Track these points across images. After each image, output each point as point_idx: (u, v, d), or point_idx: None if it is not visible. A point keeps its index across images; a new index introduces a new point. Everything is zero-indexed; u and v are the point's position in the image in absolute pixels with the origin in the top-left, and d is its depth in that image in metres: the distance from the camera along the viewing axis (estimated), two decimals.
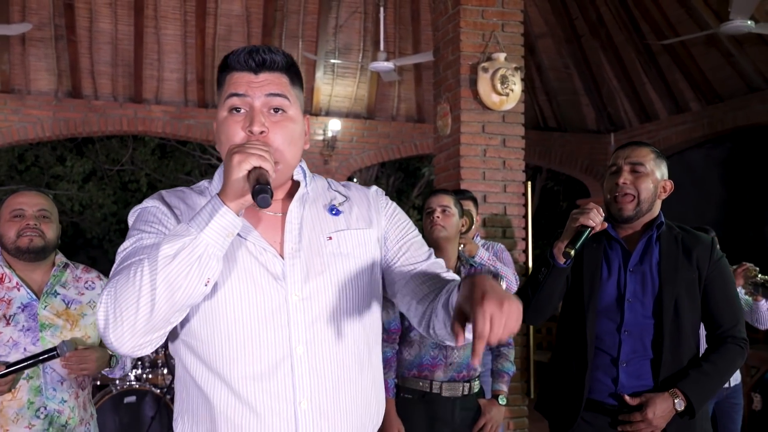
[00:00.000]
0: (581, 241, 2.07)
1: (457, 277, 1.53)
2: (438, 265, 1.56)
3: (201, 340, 1.39)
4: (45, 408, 2.34)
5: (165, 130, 8.10)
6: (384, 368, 3.06)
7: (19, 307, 2.36)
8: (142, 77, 7.73)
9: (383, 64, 6.82)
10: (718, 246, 2.33)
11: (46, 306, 2.40)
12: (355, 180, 10.42)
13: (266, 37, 7.60)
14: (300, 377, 1.38)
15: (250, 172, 1.26)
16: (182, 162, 11.03)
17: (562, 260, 2.15)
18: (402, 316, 3.17)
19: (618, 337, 2.22)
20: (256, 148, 1.28)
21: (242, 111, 1.39)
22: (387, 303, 1.95)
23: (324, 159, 8.58)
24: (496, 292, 1.21)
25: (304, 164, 1.51)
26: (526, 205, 5.01)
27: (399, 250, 1.55)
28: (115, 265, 1.35)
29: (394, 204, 1.62)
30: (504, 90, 4.82)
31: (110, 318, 1.25)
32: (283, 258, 1.41)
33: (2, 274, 2.39)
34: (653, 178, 2.26)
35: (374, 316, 1.52)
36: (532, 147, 9.38)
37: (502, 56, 4.87)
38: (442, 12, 5.15)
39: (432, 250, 1.62)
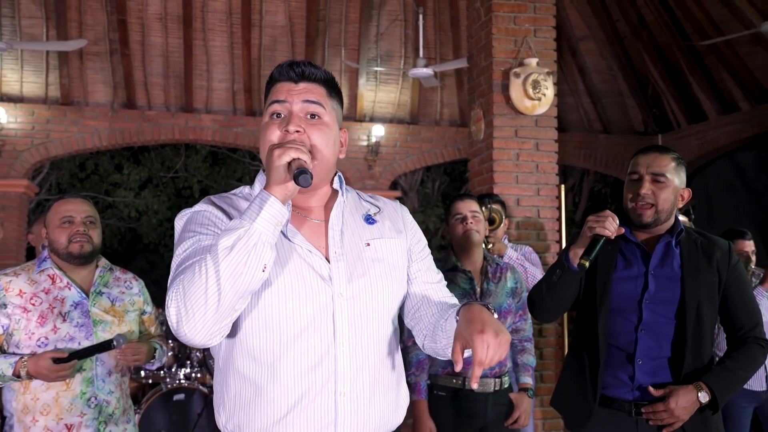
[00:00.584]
0: (596, 250, 2.13)
1: (457, 302, 1.68)
2: (447, 292, 1.74)
3: (252, 336, 1.52)
4: (95, 398, 2.54)
5: (215, 138, 8.39)
6: (416, 370, 3.20)
7: (72, 305, 2.56)
8: (192, 87, 8.02)
9: (422, 71, 6.92)
10: (734, 251, 2.39)
11: (95, 304, 2.61)
12: (400, 184, 10.55)
13: (309, 47, 7.79)
14: (342, 370, 1.52)
15: (289, 163, 1.41)
16: (233, 168, 11.35)
17: (576, 263, 2.21)
18: None
19: (635, 335, 2.28)
20: (293, 143, 1.44)
21: (282, 116, 1.55)
22: None
23: (368, 164, 8.73)
24: (493, 324, 1.42)
25: (340, 176, 1.65)
26: (559, 208, 5.05)
27: (420, 268, 1.71)
28: (175, 266, 1.48)
29: (414, 221, 1.78)
30: (536, 95, 4.88)
31: (182, 313, 1.37)
32: (328, 261, 1.54)
33: (54, 275, 2.60)
34: (673, 188, 2.31)
35: (397, 317, 1.68)
36: (576, 150, 9.37)
37: (534, 61, 4.93)
38: (476, 19, 5.25)
39: (441, 273, 1.77)
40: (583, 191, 11.20)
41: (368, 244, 1.61)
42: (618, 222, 2.18)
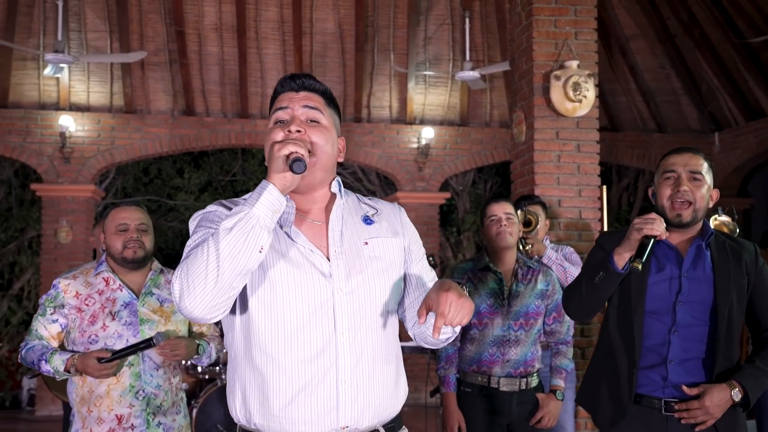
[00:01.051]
0: (648, 251, 2.19)
1: None
2: None
3: (259, 328, 1.65)
4: (143, 391, 2.74)
5: None
6: (445, 364, 3.33)
7: (122, 305, 2.78)
8: (247, 94, 8.31)
9: (469, 74, 7.03)
10: (760, 254, 2.44)
11: (144, 304, 2.81)
12: (452, 185, 10.63)
13: (359, 52, 7.98)
14: (343, 359, 1.64)
15: (287, 156, 1.55)
16: None
17: (620, 266, 2.27)
18: None
19: (668, 337, 2.34)
20: (292, 140, 1.59)
21: (285, 121, 1.70)
22: None
23: (418, 166, 8.86)
24: (459, 290, 1.56)
25: (339, 181, 1.78)
26: (601, 209, 5.08)
27: (420, 269, 1.83)
28: (184, 254, 1.61)
29: (411, 223, 1.90)
30: (576, 96, 4.93)
31: (184, 288, 1.51)
32: (329, 259, 1.68)
33: (108, 278, 2.82)
34: (708, 187, 2.36)
35: (394, 308, 1.79)
36: (629, 149, 9.30)
37: (574, 64, 4.98)
38: (517, 23, 5.33)
39: (434, 275, 1.89)
40: (639, 191, 11.04)
41: (366, 243, 1.73)
42: (665, 224, 2.23)
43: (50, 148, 8.08)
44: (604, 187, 5.03)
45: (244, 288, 1.66)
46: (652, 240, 2.20)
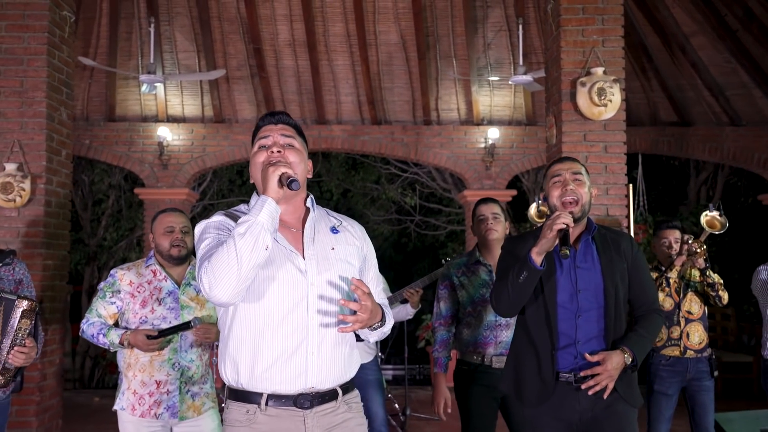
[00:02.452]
0: (568, 241, 2.59)
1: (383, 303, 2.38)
2: (382, 297, 2.39)
3: (250, 309, 2.13)
4: (178, 363, 3.34)
5: (344, 146, 9.32)
6: (440, 347, 3.84)
7: (167, 293, 3.40)
8: (323, 102, 8.99)
9: (522, 78, 7.38)
10: (634, 240, 2.85)
11: (184, 293, 3.42)
12: (524, 183, 10.93)
13: (422, 60, 8.47)
14: (312, 337, 2.13)
15: (280, 177, 2.09)
16: (369, 172, 12.30)
17: (539, 263, 2.65)
18: (456, 304, 3.87)
19: (575, 322, 2.74)
20: (281, 162, 2.13)
21: (267, 146, 2.23)
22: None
23: (485, 165, 9.25)
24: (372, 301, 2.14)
25: (311, 197, 2.32)
26: (628, 206, 5.36)
27: (369, 278, 2.35)
28: (200, 256, 2.09)
29: (368, 237, 2.43)
30: (602, 101, 5.25)
31: (212, 281, 1.98)
32: (304, 259, 2.20)
33: (155, 270, 3.47)
34: (588, 186, 2.79)
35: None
36: (701, 143, 9.31)
37: (600, 70, 5.30)
38: (549, 33, 5.68)
39: (382, 282, 2.41)
40: (718, 185, 10.92)
41: (333, 248, 2.24)
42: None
43: (150, 156, 9.08)
44: (630, 186, 5.30)
45: None
46: (566, 229, 2.60)
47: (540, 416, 2.81)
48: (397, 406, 7.52)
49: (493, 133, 9.12)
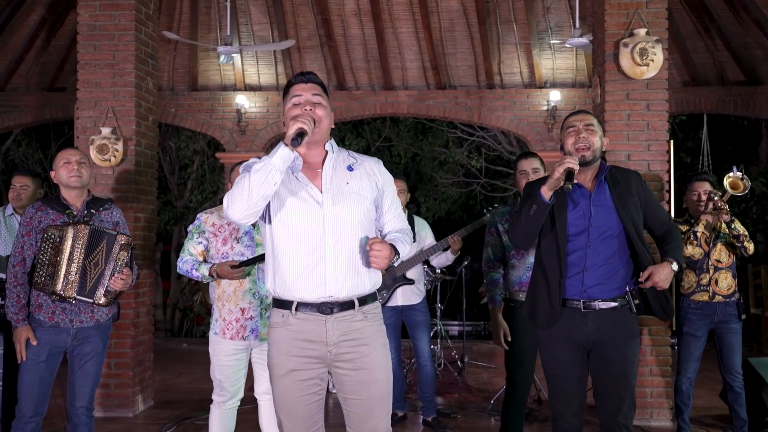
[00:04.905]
0: (572, 177, 2.99)
1: (395, 231, 2.88)
2: (395, 225, 2.88)
3: (278, 232, 2.64)
4: (258, 292, 3.85)
5: (409, 111, 9.74)
6: (491, 286, 4.30)
7: (244, 233, 3.89)
8: (389, 68, 9.40)
9: (578, 40, 7.59)
10: (641, 175, 3.29)
11: (258, 232, 3.92)
12: None
13: (482, 25, 8.76)
14: (329, 254, 2.61)
15: (296, 130, 2.55)
16: (437, 136, 12.69)
17: (547, 198, 3.08)
18: (503, 248, 4.32)
19: (585, 251, 3.15)
20: (302, 118, 2.58)
21: (300, 103, 2.69)
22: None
23: (548, 127, 9.49)
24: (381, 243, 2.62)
25: (332, 143, 2.79)
26: (669, 161, 5.59)
27: (386, 205, 2.82)
28: (234, 184, 2.56)
29: (389, 174, 2.87)
30: (644, 61, 5.48)
31: (229, 203, 2.50)
32: (321, 192, 2.69)
33: None
34: (600, 135, 3.19)
35: (370, 230, 2.77)
36: None
37: (643, 31, 5.52)
38: None
39: (396, 211, 2.86)
40: None
41: (347, 183, 2.70)
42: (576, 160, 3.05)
43: (230, 123, 9.75)
44: (671, 141, 5.52)
45: (270, 208, 2.70)
46: (571, 170, 3.01)
47: (551, 336, 3.24)
48: (455, 354, 8.01)
49: (555, 96, 9.32)
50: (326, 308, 2.64)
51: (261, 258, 3.73)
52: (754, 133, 11.70)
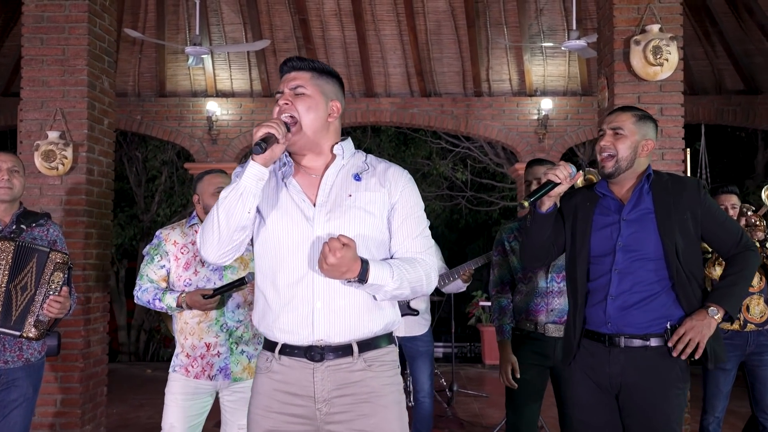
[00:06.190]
0: (540, 193, 2.49)
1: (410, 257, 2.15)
2: (409, 249, 2.15)
3: (259, 256, 2.14)
4: (226, 324, 3.27)
5: (392, 120, 9.15)
6: (499, 315, 3.69)
7: None
8: (371, 74, 8.83)
9: (575, 43, 7.06)
10: (703, 185, 2.61)
11: None
12: (579, 157, 10.57)
13: (471, 28, 8.21)
14: (318, 286, 2.04)
15: (261, 134, 1.98)
16: (420, 147, 12.11)
17: (543, 209, 2.57)
18: (509, 270, 3.73)
19: (609, 276, 2.57)
20: (269, 122, 2.00)
21: (281, 97, 2.14)
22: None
23: (538, 137, 8.96)
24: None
25: (345, 144, 2.19)
26: (685, 171, 5.05)
27: (397, 225, 2.14)
28: None
29: (412, 186, 2.20)
30: (657, 60, 4.93)
31: (200, 241, 2.08)
32: (314, 206, 2.10)
33: (199, 230, 3.41)
34: (632, 139, 2.58)
35: (380, 256, 2.12)
36: None
37: (656, 27, 4.98)
38: None
39: (413, 232, 2.17)
40: None
41: (350, 195, 2.10)
42: (571, 171, 2.48)
43: (200, 131, 9.10)
44: (688, 150, 4.99)
45: (256, 224, 2.14)
46: (552, 184, 2.46)
47: (573, 373, 2.71)
48: (444, 381, 7.40)
49: (547, 104, 8.81)
50: (315, 354, 2.07)
51: (240, 282, 3.18)
52: (750, 145, 11.30)
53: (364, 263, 1.98)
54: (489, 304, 5.86)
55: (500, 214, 13.17)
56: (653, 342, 2.53)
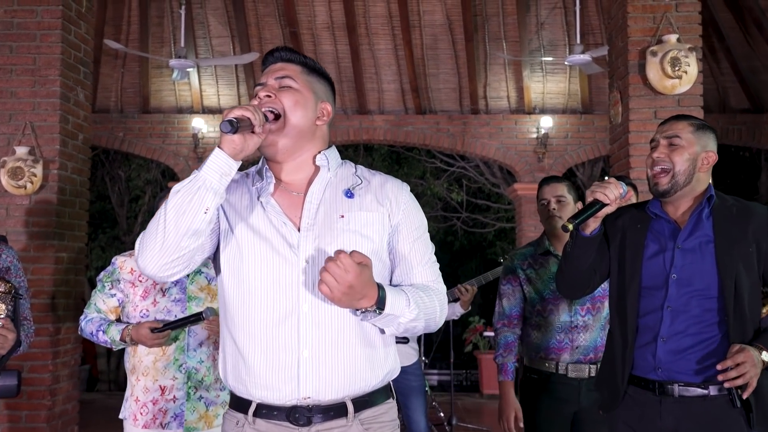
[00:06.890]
0: (586, 215, 2.12)
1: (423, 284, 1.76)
2: (421, 277, 1.77)
3: (228, 292, 1.71)
4: (185, 365, 2.86)
5: (386, 138, 8.79)
6: (504, 351, 3.26)
7: (172, 283, 2.93)
8: (364, 90, 8.48)
9: (579, 57, 6.74)
10: None
11: (192, 282, 2.95)
12: (578, 176, 10.26)
13: (469, 42, 7.89)
14: (305, 330, 1.64)
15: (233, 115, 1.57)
16: (413, 167, 11.76)
17: (587, 231, 2.20)
18: (523, 302, 3.31)
19: (660, 313, 2.20)
20: (244, 106, 1.61)
21: (263, 88, 1.75)
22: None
23: (537, 157, 8.62)
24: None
25: (329, 153, 1.79)
26: None
27: (406, 249, 1.76)
28: None
29: (414, 204, 1.82)
30: (676, 72, 4.61)
31: (139, 247, 1.62)
32: (299, 231, 1.69)
33: None
34: (691, 151, 2.20)
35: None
36: None
37: (674, 38, 4.65)
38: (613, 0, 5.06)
39: (426, 256, 1.79)
40: None
41: (342, 216, 1.70)
42: (622, 191, 2.11)
43: (185, 149, 8.70)
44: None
45: (219, 251, 1.73)
46: (599, 205, 2.11)
47: (614, 422, 2.31)
48: (442, 414, 6.98)
49: (546, 122, 8.48)
50: (300, 416, 1.66)
51: (196, 317, 2.78)
52: (754, 165, 11.02)
53: (380, 288, 1.61)
54: (492, 334, 5.49)
55: (496, 236, 12.78)
56: (713, 391, 2.14)
